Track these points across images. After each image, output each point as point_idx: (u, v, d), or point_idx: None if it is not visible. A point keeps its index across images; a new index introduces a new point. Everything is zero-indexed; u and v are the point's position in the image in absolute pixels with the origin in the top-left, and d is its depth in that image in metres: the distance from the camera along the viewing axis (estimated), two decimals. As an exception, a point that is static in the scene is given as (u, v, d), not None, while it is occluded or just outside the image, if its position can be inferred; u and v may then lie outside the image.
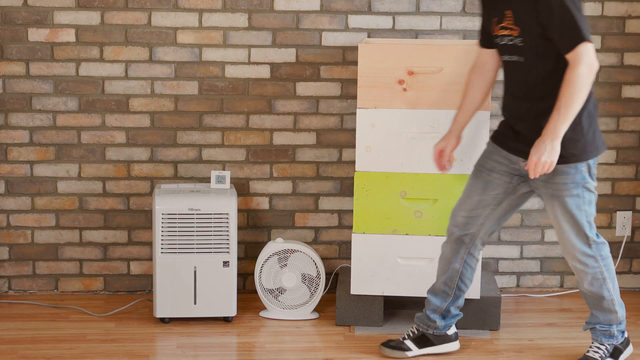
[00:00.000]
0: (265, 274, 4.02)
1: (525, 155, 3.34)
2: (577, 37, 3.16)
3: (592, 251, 3.43)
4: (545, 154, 3.20)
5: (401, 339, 3.70)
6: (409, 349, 3.68)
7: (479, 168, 3.54)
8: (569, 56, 3.18)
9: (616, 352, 3.57)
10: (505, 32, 3.34)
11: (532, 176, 3.25)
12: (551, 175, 3.35)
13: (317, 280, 4.02)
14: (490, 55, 3.53)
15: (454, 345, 3.72)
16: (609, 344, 3.56)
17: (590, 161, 3.35)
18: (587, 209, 3.39)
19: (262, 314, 4.08)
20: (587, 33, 3.18)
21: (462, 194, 3.60)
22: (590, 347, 3.59)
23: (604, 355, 3.55)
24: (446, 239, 3.64)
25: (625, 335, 3.62)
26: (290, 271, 4.02)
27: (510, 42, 3.33)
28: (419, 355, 3.68)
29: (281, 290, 4.05)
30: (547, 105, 3.25)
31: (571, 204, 3.37)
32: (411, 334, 3.71)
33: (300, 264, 4.02)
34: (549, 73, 3.27)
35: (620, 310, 3.55)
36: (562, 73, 3.21)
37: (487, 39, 3.50)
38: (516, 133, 3.40)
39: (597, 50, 4.27)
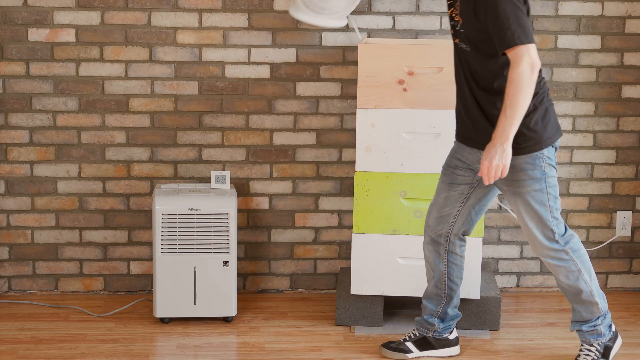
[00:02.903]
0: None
1: (480, 145, 3.36)
2: (512, 39, 3.14)
3: (560, 245, 3.41)
4: (497, 157, 3.19)
5: (402, 340, 3.71)
6: (409, 351, 3.68)
7: (445, 167, 3.56)
8: (509, 55, 3.17)
9: (607, 350, 3.54)
10: (455, 19, 3.36)
11: (486, 182, 3.25)
12: (510, 172, 3.34)
13: None
14: None
15: (454, 350, 3.72)
16: (598, 344, 3.53)
17: (546, 151, 3.34)
18: (551, 204, 3.37)
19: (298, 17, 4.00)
20: (524, 35, 3.14)
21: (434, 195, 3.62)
22: (581, 350, 3.56)
23: (595, 358, 3.52)
24: (423, 240, 3.65)
25: (613, 329, 3.58)
26: None
27: (458, 29, 3.35)
28: (419, 357, 3.69)
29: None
30: (493, 99, 3.29)
31: (534, 201, 3.36)
32: (412, 336, 3.71)
33: None
34: (494, 69, 3.27)
35: (601, 300, 3.50)
36: (503, 69, 3.25)
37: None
38: (471, 122, 3.40)
39: (597, 50, 4.27)
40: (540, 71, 3.26)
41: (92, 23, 4.14)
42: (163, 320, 4.00)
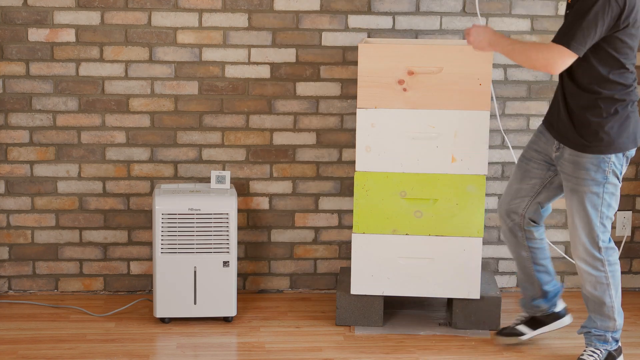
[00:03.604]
0: None
1: (556, 134, 3.46)
2: (565, 39, 3.24)
3: (600, 255, 3.44)
4: (481, 32, 3.43)
5: (512, 325, 3.80)
6: (522, 333, 3.77)
7: (521, 158, 3.64)
8: (553, 40, 3.29)
9: (610, 357, 3.57)
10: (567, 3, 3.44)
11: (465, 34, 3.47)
12: (575, 169, 3.39)
13: None
14: None
15: (565, 320, 3.79)
16: (603, 349, 3.56)
17: (614, 157, 3.36)
18: (603, 211, 3.40)
19: None
20: (577, 45, 3.23)
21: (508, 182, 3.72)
22: (585, 350, 3.59)
23: None
24: (501, 226, 3.76)
25: (619, 344, 3.61)
26: None
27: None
28: (534, 336, 3.79)
29: None
30: (578, 94, 3.35)
31: (588, 202, 3.39)
32: (522, 319, 3.81)
33: None
34: (588, 67, 3.33)
35: (619, 319, 3.55)
36: (595, 69, 3.31)
37: None
38: (557, 110, 3.48)
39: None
40: (634, 80, 3.36)
41: (92, 23, 4.14)
42: (163, 320, 4.00)
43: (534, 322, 3.79)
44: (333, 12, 4.19)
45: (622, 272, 4.45)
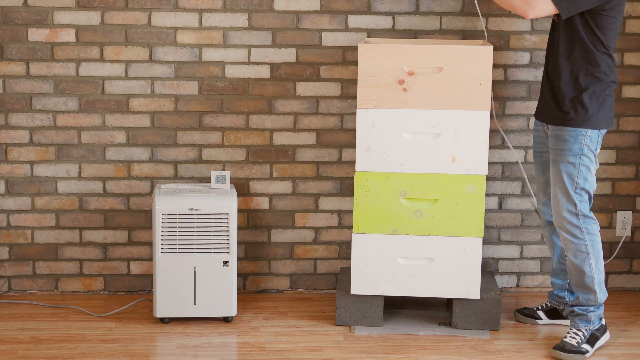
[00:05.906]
0: None
1: (541, 117, 3.75)
2: None
3: (578, 222, 3.65)
4: None
5: (534, 309, 4.03)
6: (540, 318, 4.01)
7: (534, 153, 3.90)
8: None
9: (592, 338, 3.70)
10: None
11: None
12: (556, 142, 3.65)
13: None
14: None
15: None
16: (585, 330, 3.70)
17: (590, 132, 3.59)
18: (578, 181, 3.63)
19: None
20: (564, 1, 3.48)
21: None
22: (568, 332, 3.73)
23: (580, 341, 3.66)
24: (540, 222, 4.00)
25: (603, 322, 3.75)
26: None
27: None
28: (548, 324, 4.00)
29: None
30: (561, 66, 3.63)
31: (564, 171, 3.64)
32: (544, 306, 4.03)
33: None
34: (569, 35, 3.60)
35: (600, 293, 3.70)
36: (585, 44, 3.57)
37: None
38: (542, 92, 3.75)
39: (597, 50, 4.27)
40: (614, 66, 3.61)
41: (92, 23, 4.14)
42: (163, 320, 4.00)
43: (553, 313, 4.00)
44: (333, 12, 4.19)
45: (622, 272, 4.46)
